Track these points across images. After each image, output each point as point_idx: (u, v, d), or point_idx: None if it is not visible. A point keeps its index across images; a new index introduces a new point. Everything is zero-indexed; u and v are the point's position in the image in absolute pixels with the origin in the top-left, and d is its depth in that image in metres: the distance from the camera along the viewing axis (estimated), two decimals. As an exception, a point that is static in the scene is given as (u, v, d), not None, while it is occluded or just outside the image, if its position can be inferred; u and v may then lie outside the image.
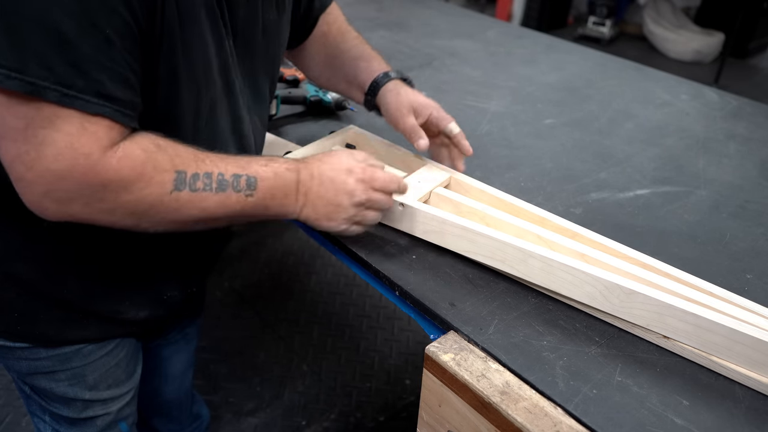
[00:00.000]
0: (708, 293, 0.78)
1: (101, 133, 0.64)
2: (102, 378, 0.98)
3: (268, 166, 0.77)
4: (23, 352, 0.90)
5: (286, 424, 1.78)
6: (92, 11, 0.60)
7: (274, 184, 0.76)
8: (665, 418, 0.67)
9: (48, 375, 0.93)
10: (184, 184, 0.70)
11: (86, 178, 0.64)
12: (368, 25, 1.90)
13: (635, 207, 1.06)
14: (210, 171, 0.72)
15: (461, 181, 0.98)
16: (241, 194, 0.74)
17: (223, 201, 0.73)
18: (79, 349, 0.93)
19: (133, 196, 0.67)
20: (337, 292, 2.30)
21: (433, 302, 0.82)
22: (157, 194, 0.68)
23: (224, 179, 0.72)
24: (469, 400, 0.72)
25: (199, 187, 0.71)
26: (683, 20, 4.93)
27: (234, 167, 0.74)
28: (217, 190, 0.72)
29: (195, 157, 0.72)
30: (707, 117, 1.43)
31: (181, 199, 0.70)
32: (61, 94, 0.61)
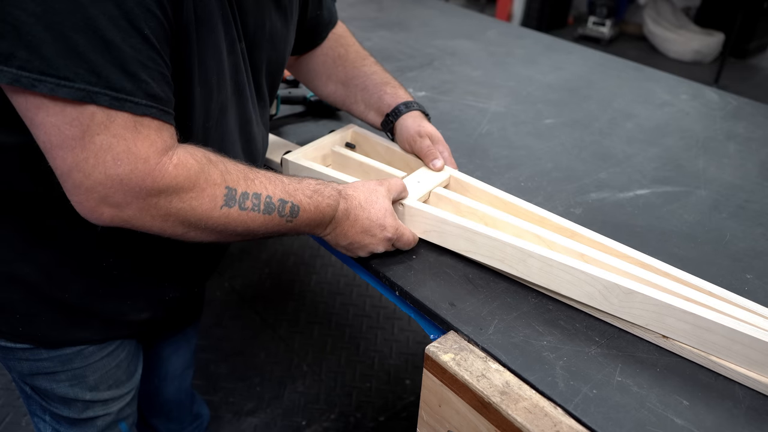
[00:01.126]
0: (708, 293, 0.78)
1: (154, 136, 0.65)
2: (103, 379, 0.98)
3: (312, 199, 0.78)
4: (24, 353, 0.90)
5: (286, 424, 1.78)
6: (130, 13, 0.61)
7: (313, 217, 0.79)
8: (665, 418, 0.67)
9: (49, 376, 0.93)
10: (234, 201, 0.71)
11: (144, 183, 0.64)
12: (368, 25, 1.90)
13: (635, 207, 1.06)
14: (259, 192, 0.74)
15: (461, 180, 0.98)
16: (284, 219, 0.76)
17: (266, 222, 0.75)
18: (81, 350, 0.93)
19: (185, 205, 0.68)
20: (337, 292, 2.30)
21: (433, 302, 0.82)
22: (208, 207, 0.70)
23: (272, 202, 0.74)
24: (469, 400, 0.72)
25: (248, 206, 0.72)
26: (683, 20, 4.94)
27: (282, 192, 0.76)
28: (264, 211, 0.74)
29: (245, 176, 0.73)
30: (707, 117, 1.43)
31: (230, 216, 0.71)
32: (112, 98, 0.61)
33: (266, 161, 1.10)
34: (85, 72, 0.59)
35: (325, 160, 1.06)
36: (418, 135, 0.99)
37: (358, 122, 1.25)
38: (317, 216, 0.79)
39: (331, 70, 1.10)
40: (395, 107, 1.03)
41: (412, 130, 1.00)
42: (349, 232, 0.83)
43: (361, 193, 0.84)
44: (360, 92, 1.07)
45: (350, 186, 0.85)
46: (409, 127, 1.01)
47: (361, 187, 0.85)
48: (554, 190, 1.09)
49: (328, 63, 1.10)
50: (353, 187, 0.84)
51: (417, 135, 0.99)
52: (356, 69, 1.09)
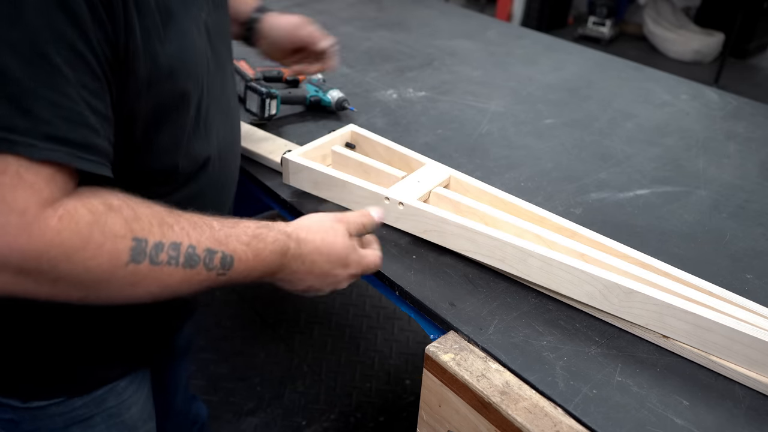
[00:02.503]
0: (708, 293, 0.78)
1: (40, 185, 0.53)
2: (138, 414, 0.93)
3: (249, 246, 0.67)
4: (58, 408, 0.83)
5: (286, 424, 1.78)
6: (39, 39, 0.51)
7: (253, 266, 0.67)
8: (665, 418, 0.67)
9: (84, 422, 0.87)
10: (143, 254, 0.58)
11: (18, 242, 0.52)
12: (368, 25, 1.90)
13: (635, 207, 1.06)
14: (179, 241, 0.61)
15: (461, 180, 0.98)
16: (213, 273, 0.64)
17: (190, 278, 0.62)
18: (113, 388, 0.88)
19: (77, 267, 0.55)
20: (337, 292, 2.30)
21: (433, 302, 0.82)
22: (109, 266, 0.57)
23: (195, 254, 0.62)
24: (469, 400, 0.72)
25: (163, 260, 0.59)
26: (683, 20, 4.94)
27: (209, 240, 0.63)
28: (184, 265, 0.61)
29: (161, 222, 0.61)
30: (707, 117, 1.43)
31: (139, 273, 0.59)
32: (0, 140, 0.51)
33: (266, 161, 1.10)
34: None
35: (325, 160, 1.06)
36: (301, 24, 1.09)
37: (359, 123, 1.25)
38: (258, 265, 0.68)
39: None
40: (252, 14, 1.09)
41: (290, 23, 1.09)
42: (307, 278, 0.73)
43: (317, 234, 0.73)
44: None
45: (302, 227, 0.74)
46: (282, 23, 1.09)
47: (316, 227, 0.74)
48: (554, 190, 1.09)
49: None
50: (306, 229, 0.73)
51: (300, 25, 1.09)
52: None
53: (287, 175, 1.01)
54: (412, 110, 1.35)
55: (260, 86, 1.19)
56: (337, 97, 1.27)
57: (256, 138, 1.15)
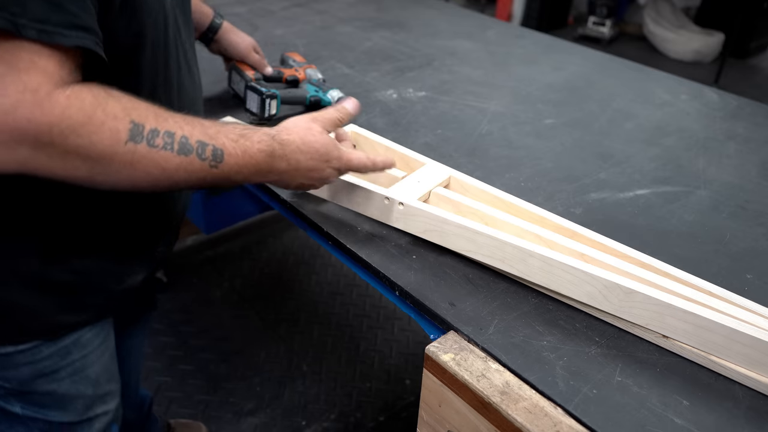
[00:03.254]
0: (708, 293, 0.78)
1: (51, 69, 0.61)
2: (102, 371, 0.98)
3: (237, 143, 0.73)
4: (25, 356, 0.89)
5: (286, 424, 1.78)
6: None
7: (242, 163, 0.74)
8: (665, 418, 0.67)
9: (50, 376, 0.93)
10: (140, 136, 0.65)
11: (32, 115, 0.60)
12: (368, 25, 1.90)
13: (635, 207, 1.06)
14: (172, 131, 0.68)
15: (461, 180, 0.98)
16: (206, 163, 0.70)
17: (185, 165, 0.69)
18: (78, 339, 0.92)
19: (83, 141, 0.63)
20: (337, 292, 2.30)
21: (433, 302, 0.82)
22: (110, 142, 0.64)
23: (188, 143, 0.69)
24: (469, 400, 0.72)
25: (159, 144, 0.66)
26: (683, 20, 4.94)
27: (200, 134, 0.70)
28: (178, 152, 0.68)
29: (156, 114, 0.68)
30: (707, 117, 1.43)
31: (137, 153, 0.65)
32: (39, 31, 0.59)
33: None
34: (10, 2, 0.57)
35: (325, 160, 1.06)
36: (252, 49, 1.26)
37: (359, 123, 1.25)
38: (248, 162, 0.74)
39: None
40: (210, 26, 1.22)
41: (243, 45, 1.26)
42: (295, 176, 0.80)
43: (296, 135, 0.80)
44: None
45: (283, 129, 0.80)
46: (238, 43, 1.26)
47: (295, 129, 0.81)
48: (554, 190, 1.09)
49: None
50: (287, 131, 0.80)
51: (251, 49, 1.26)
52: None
53: (287, 175, 1.01)
54: (412, 110, 1.35)
55: (260, 86, 1.19)
56: (337, 97, 1.27)
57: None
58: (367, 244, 0.92)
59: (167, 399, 1.83)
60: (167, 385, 1.88)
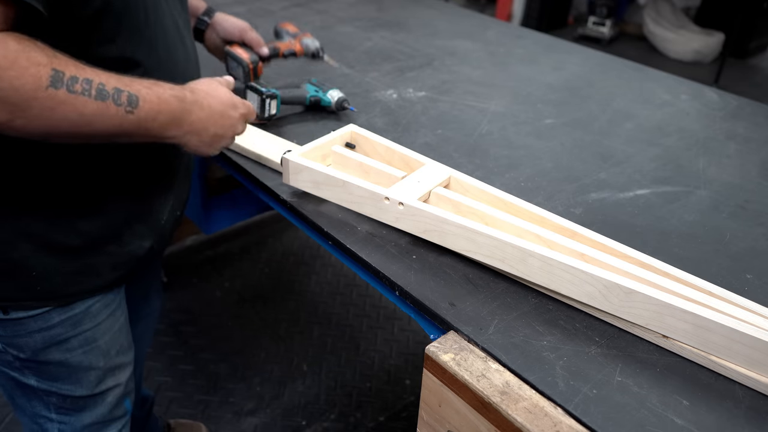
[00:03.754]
0: (708, 293, 0.78)
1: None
2: (111, 342, 1.01)
3: (151, 90, 0.78)
4: (37, 322, 0.91)
5: (286, 424, 1.78)
6: None
7: (158, 108, 0.78)
8: (665, 418, 0.67)
9: (61, 345, 0.95)
10: (61, 83, 0.69)
11: None
12: (368, 25, 1.90)
13: (635, 207, 1.06)
14: (90, 78, 0.72)
15: (461, 180, 0.98)
16: (122, 108, 0.74)
17: (102, 110, 0.72)
18: (88, 309, 0.95)
19: (4, 84, 0.65)
20: (337, 292, 2.30)
21: (433, 302, 0.82)
22: (31, 87, 0.67)
23: (104, 89, 0.72)
24: (469, 400, 0.72)
25: (77, 90, 0.70)
26: (683, 20, 4.93)
27: (116, 81, 0.74)
28: (96, 97, 0.71)
29: (75, 63, 0.71)
30: (707, 117, 1.43)
31: (57, 98, 0.69)
32: None
33: (266, 161, 1.10)
34: None
35: (325, 160, 1.06)
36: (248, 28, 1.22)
37: (359, 123, 1.25)
38: (163, 107, 0.79)
39: None
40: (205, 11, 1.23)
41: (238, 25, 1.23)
42: (208, 124, 0.86)
43: (204, 84, 0.88)
44: None
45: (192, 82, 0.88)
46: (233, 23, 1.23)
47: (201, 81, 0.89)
48: (554, 190, 1.09)
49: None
50: (195, 82, 0.88)
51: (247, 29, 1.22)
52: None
53: (287, 175, 1.01)
54: (412, 110, 1.35)
55: (260, 86, 1.19)
56: (337, 97, 1.27)
57: (256, 138, 1.15)
58: (367, 244, 0.92)
59: (167, 399, 1.83)
60: (167, 385, 1.88)
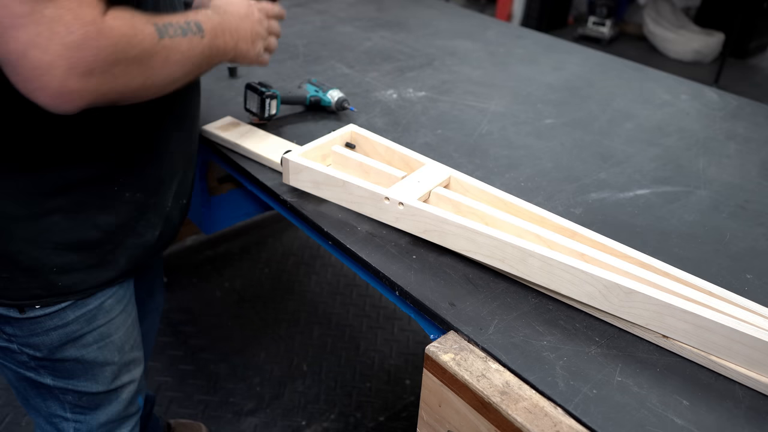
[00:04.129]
0: (708, 293, 0.78)
1: (95, 1, 0.68)
2: (125, 337, 1.03)
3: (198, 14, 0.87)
4: (52, 320, 0.92)
5: (286, 424, 1.78)
6: None
7: (212, 25, 0.88)
8: (665, 418, 0.67)
9: (77, 341, 0.96)
10: (162, 32, 0.77)
11: (98, 42, 0.67)
12: (368, 25, 1.90)
13: (635, 207, 1.06)
14: (170, 21, 0.80)
15: (461, 180, 0.98)
16: (197, 36, 0.84)
17: (190, 44, 0.82)
18: (101, 305, 0.96)
19: (137, 50, 0.73)
20: (337, 292, 2.30)
21: (433, 302, 0.82)
22: (151, 43, 0.75)
23: (182, 26, 0.82)
24: (469, 400, 0.72)
25: (172, 33, 0.79)
26: (683, 20, 4.94)
27: (181, 17, 0.83)
28: (183, 34, 0.81)
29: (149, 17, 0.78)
30: (707, 117, 1.43)
31: (167, 46, 0.78)
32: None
33: (266, 161, 1.10)
34: None
35: (325, 160, 1.06)
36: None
37: (359, 123, 1.25)
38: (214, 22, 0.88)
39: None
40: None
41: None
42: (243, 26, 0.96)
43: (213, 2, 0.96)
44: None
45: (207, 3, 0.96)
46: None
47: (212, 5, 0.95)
48: (554, 190, 1.09)
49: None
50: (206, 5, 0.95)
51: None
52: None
53: (287, 175, 1.02)
54: (412, 110, 1.35)
55: (260, 86, 1.19)
56: (337, 97, 1.27)
57: (256, 138, 1.15)
58: (367, 244, 0.92)
59: (167, 399, 1.83)
60: (167, 385, 1.88)
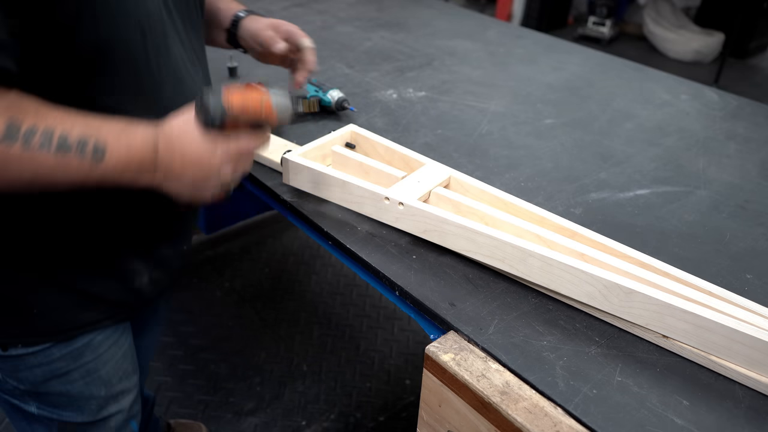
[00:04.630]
0: (707, 293, 0.78)
1: None
2: (114, 371, 0.99)
3: (120, 138, 0.69)
4: (36, 358, 0.89)
5: (286, 424, 1.78)
6: None
7: (126, 159, 0.69)
8: (665, 418, 0.67)
9: (62, 377, 0.93)
10: (15, 137, 0.62)
11: None
12: (368, 25, 1.90)
13: (635, 207, 1.06)
14: (51, 127, 0.64)
15: (461, 180, 0.98)
16: (86, 162, 0.66)
17: (62, 165, 0.65)
18: (89, 342, 0.93)
19: None
20: (337, 292, 2.30)
21: (433, 302, 0.82)
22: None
23: (67, 141, 0.65)
24: (469, 400, 0.72)
25: (35, 143, 0.63)
26: (683, 20, 4.93)
27: (82, 128, 0.66)
28: (56, 150, 0.64)
29: (37, 110, 0.65)
30: (707, 117, 1.43)
31: (11, 154, 0.62)
32: None
33: (266, 161, 1.10)
34: None
35: (325, 160, 1.06)
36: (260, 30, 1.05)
37: (358, 123, 1.25)
38: (132, 157, 0.70)
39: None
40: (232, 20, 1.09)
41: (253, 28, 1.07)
42: (185, 171, 0.74)
43: (178, 119, 0.74)
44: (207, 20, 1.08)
45: (167, 121, 0.75)
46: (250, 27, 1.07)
47: (175, 115, 0.75)
48: (554, 190, 1.09)
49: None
50: (168, 119, 0.75)
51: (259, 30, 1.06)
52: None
53: (287, 175, 1.01)
54: (412, 110, 1.35)
55: None
56: (337, 97, 1.27)
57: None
58: (367, 244, 0.92)
59: (167, 399, 1.83)
60: (167, 385, 1.88)
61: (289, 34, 1.09)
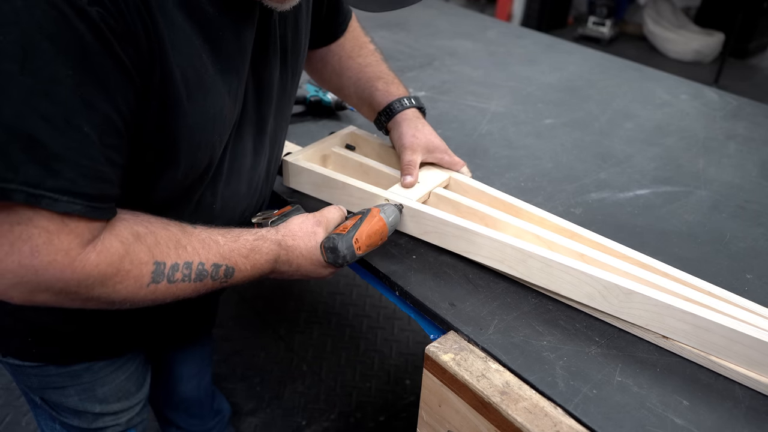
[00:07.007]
0: (707, 293, 0.78)
1: (82, 229, 0.62)
2: (112, 392, 0.98)
3: (248, 258, 0.76)
4: (33, 370, 0.90)
5: (286, 424, 1.78)
6: (69, 109, 0.57)
7: (249, 275, 0.78)
8: (665, 418, 0.67)
9: (58, 390, 0.93)
10: (162, 276, 0.68)
11: (63, 275, 0.61)
12: (368, 25, 1.89)
13: (635, 207, 1.06)
14: (191, 260, 0.71)
15: (460, 181, 0.98)
16: (217, 282, 0.74)
17: (198, 288, 0.73)
18: (89, 366, 0.92)
19: (108, 290, 0.65)
20: (337, 292, 2.30)
21: (433, 302, 0.82)
22: (134, 288, 0.67)
23: (204, 269, 0.72)
24: (469, 400, 0.72)
25: (178, 278, 0.70)
26: (683, 20, 4.94)
27: (216, 256, 0.73)
28: (194, 280, 0.72)
29: (177, 244, 0.70)
30: (707, 117, 1.43)
31: (157, 291, 0.69)
32: (27, 195, 0.57)
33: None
34: (4, 168, 0.56)
35: (325, 161, 1.06)
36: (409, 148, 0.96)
37: (358, 123, 1.25)
38: (254, 273, 0.78)
39: (326, 56, 1.07)
40: (387, 106, 1.00)
41: (406, 140, 0.97)
42: (294, 275, 0.84)
43: (301, 241, 0.81)
44: (353, 85, 1.05)
45: (289, 234, 0.81)
46: (403, 136, 0.97)
47: (300, 233, 0.81)
48: (554, 190, 1.09)
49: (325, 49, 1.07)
50: (292, 236, 0.81)
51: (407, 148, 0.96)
52: (351, 59, 1.07)
53: (287, 177, 1.02)
54: (412, 110, 1.35)
55: None
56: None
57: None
58: (367, 245, 0.92)
59: (167, 399, 1.83)
60: (167, 385, 1.88)
61: (442, 162, 1.00)
